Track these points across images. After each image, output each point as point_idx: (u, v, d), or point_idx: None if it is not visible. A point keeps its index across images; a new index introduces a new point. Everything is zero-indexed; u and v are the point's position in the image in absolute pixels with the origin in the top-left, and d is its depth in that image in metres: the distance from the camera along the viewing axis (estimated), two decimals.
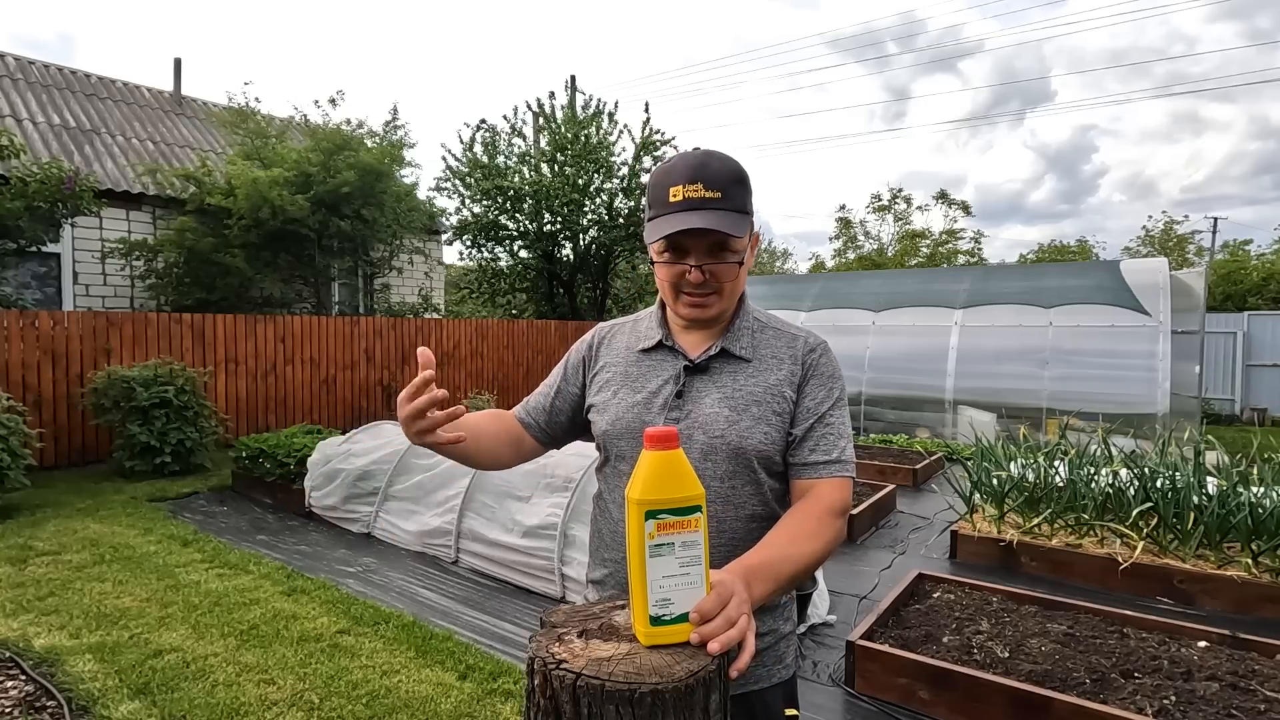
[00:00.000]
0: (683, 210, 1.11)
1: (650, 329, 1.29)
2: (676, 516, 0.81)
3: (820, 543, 1.07)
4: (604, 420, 1.26)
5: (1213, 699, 2.43)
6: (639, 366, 1.27)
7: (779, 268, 30.03)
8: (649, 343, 1.27)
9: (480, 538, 4.10)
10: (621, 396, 1.25)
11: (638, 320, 1.35)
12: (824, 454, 1.16)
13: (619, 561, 1.23)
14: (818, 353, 1.23)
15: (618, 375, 1.28)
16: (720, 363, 1.22)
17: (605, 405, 1.27)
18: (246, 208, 8.48)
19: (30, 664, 2.88)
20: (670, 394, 1.21)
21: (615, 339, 1.34)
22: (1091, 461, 4.54)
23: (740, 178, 1.14)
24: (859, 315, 9.52)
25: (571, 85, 13.98)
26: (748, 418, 1.16)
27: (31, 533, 4.64)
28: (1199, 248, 25.21)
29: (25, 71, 10.22)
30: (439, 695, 2.73)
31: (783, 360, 1.21)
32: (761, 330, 1.25)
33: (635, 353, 1.28)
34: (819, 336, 1.27)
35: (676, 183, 1.12)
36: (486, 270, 14.97)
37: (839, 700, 2.77)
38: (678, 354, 1.24)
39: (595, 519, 1.34)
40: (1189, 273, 8.44)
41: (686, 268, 1.14)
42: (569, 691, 0.75)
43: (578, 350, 1.38)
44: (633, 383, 1.25)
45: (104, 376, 6.27)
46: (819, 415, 1.18)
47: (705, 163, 1.13)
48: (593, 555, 1.35)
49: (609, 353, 1.33)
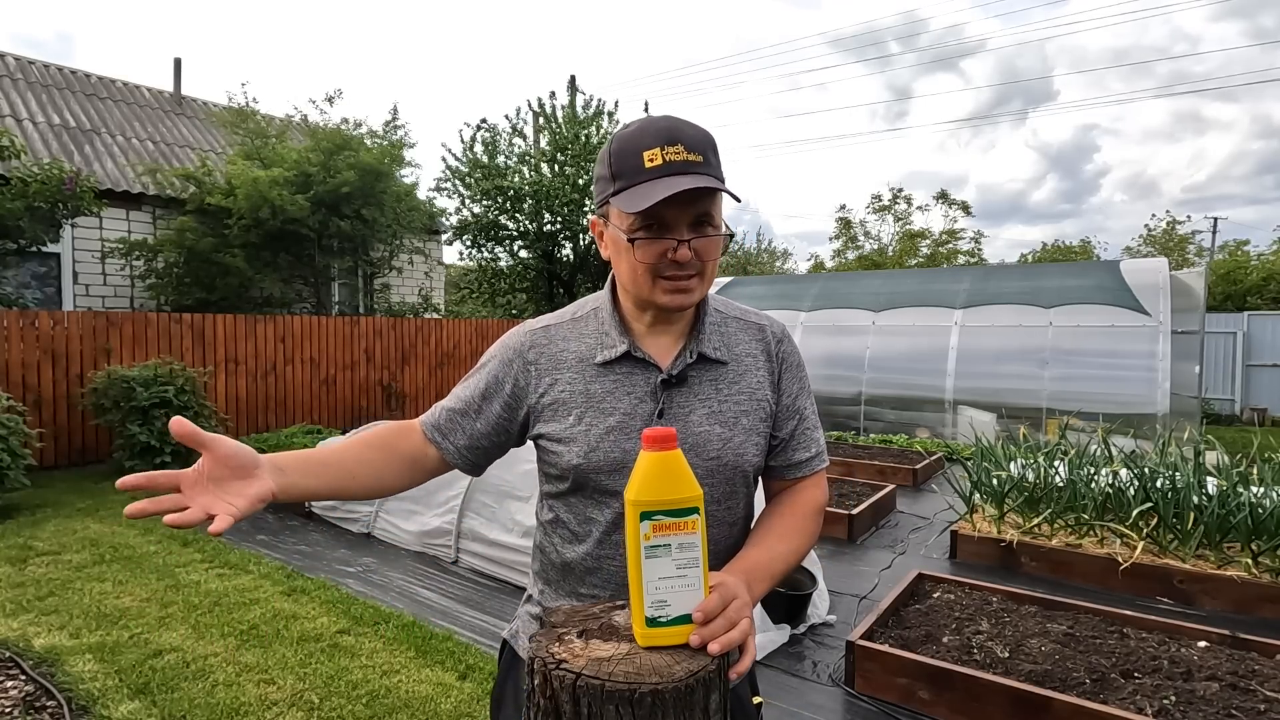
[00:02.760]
0: (665, 175, 0.96)
1: (607, 335, 1.09)
2: (673, 518, 0.81)
3: (807, 538, 1.09)
4: (572, 454, 1.06)
5: (1213, 699, 2.43)
6: (602, 383, 1.08)
7: (779, 268, 30.02)
8: (610, 353, 1.08)
9: (480, 538, 4.10)
10: (591, 423, 1.06)
11: (577, 321, 1.14)
12: (805, 451, 1.15)
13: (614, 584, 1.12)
14: (785, 342, 1.17)
15: (577, 395, 1.08)
16: (697, 370, 1.08)
17: (570, 436, 1.07)
18: (246, 208, 8.49)
19: (30, 664, 2.88)
20: (649, 414, 1.06)
21: (556, 346, 1.11)
22: (1091, 461, 4.53)
23: (715, 145, 1.02)
24: (859, 315, 9.51)
25: (572, 85, 13.99)
26: (740, 432, 1.08)
27: (31, 533, 4.64)
28: (1199, 248, 25.23)
29: (25, 71, 10.22)
30: (439, 695, 2.73)
31: (758, 357, 1.13)
32: (725, 323, 1.14)
33: (593, 366, 1.08)
34: (778, 322, 1.20)
35: (651, 145, 0.97)
36: (486, 270, 14.97)
37: (839, 700, 2.77)
38: (648, 365, 1.07)
39: (543, 548, 1.18)
40: (1189, 273, 8.43)
41: (671, 244, 0.98)
42: (569, 691, 0.75)
43: (504, 362, 1.12)
44: (598, 404, 1.07)
45: (104, 376, 6.27)
46: (799, 412, 1.15)
47: (678, 125, 0.99)
48: (546, 585, 1.19)
49: (554, 366, 1.10)
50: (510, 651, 1.22)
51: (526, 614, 1.23)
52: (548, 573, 1.18)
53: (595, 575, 1.11)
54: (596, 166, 1.06)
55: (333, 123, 10.06)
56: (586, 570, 1.11)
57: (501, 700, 1.21)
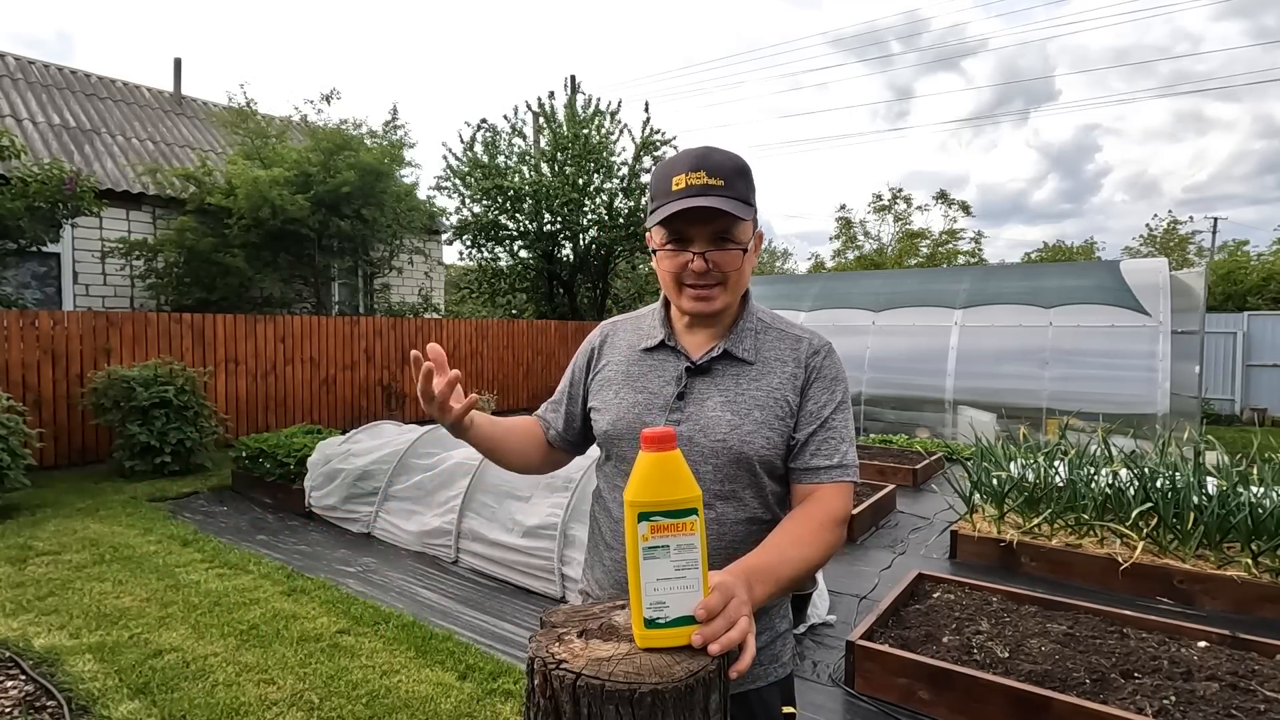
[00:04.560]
0: (685, 196, 1.11)
1: (653, 327, 1.28)
2: (671, 519, 0.81)
3: (820, 548, 1.07)
4: (604, 420, 1.25)
5: (1213, 699, 2.43)
6: (640, 366, 1.26)
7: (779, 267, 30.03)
8: (651, 342, 1.26)
9: (480, 538, 4.10)
10: (623, 396, 1.24)
11: (640, 317, 1.34)
12: (826, 459, 1.16)
13: (619, 561, 1.22)
14: (821, 355, 1.22)
15: (619, 374, 1.27)
16: (722, 365, 1.20)
17: (606, 405, 1.26)
18: (246, 207, 8.49)
19: (30, 664, 2.88)
20: (671, 395, 1.20)
21: (618, 336, 1.33)
22: (1091, 461, 4.53)
23: (743, 169, 1.15)
24: (859, 315, 9.52)
25: (572, 85, 13.97)
26: (750, 422, 1.15)
27: (31, 533, 4.64)
28: (1200, 248, 25.22)
29: (25, 71, 10.22)
30: (439, 695, 2.73)
31: (786, 363, 1.20)
32: (765, 331, 1.24)
33: (637, 351, 1.27)
34: (824, 338, 1.25)
35: (679, 172, 1.12)
36: (486, 270, 14.97)
37: (839, 700, 2.77)
38: (680, 354, 1.22)
39: (594, 515, 1.33)
40: (1189, 273, 8.43)
41: (689, 257, 1.14)
42: (569, 691, 0.75)
43: (583, 351, 1.37)
44: (633, 382, 1.24)
45: (104, 376, 6.27)
46: (822, 420, 1.17)
47: (708, 154, 1.13)
48: (590, 552, 1.34)
49: (611, 350, 1.32)
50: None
51: (576, 593, 1.30)
52: (599, 550, 1.29)
53: (618, 546, 1.22)
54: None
55: (332, 122, 10.06)
56: (620, 541, 1.20)
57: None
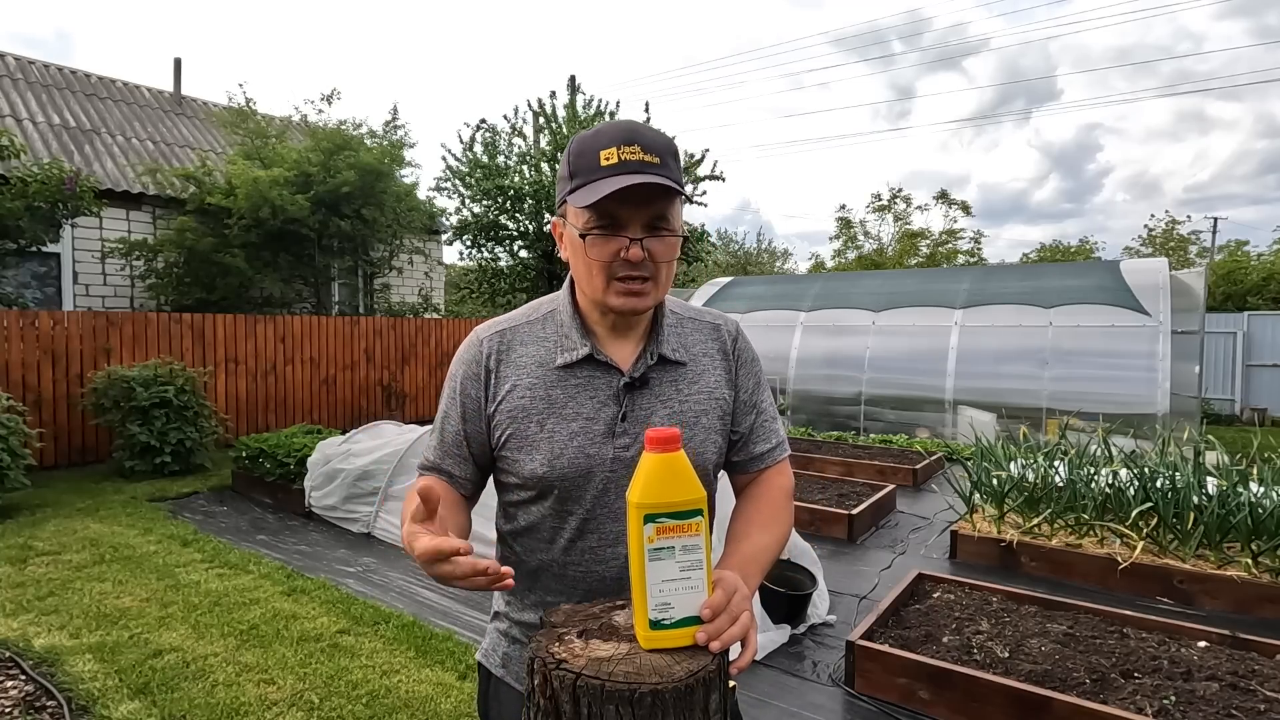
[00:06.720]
0: (620, 173, 0.96)
1: (567, 338, 1.08)
2: (676, 520, 0.81)
3: (785, 525, 1.13)
4: (534, 462, 1.04)
5: (1213, 699, 2.43)
6: (563, 387, 1.06)
7: (779, 267, 30.03)
8: (571, 355, 1.06)
9: (480, 538, 4.08)
10: (552, 428, 1.04)
11: (536, 323, 1.12)
12: (766, 443, 1.18)
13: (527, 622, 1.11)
14: (739, 339, 1.19)
15: (538, 401, 1.06)
16: (658, 372, 1.09)
17: (531, 442, 1.05)
18: (246, 207, 8.49)
19: (30, 664, 2.89)
20: (613, 417, 1.05)
21: (516, 350, 1.09)
22: (1091, 461, 4.53)
23: (675, 151, 1.02)
24: (859, 315, 9.51)
25: (572, 85, 13.96)
26: (700, 431, 1.09)
27: (31, 533, 4.64)
28: (1200, 248, 25.21)
29: (25, 71, 10.22)
30: (439, 695, 2.73)
31: (714, 357, 1.15)
32: (681, 324, 1.15)
33: (553, 370, 1.07)
34: (731, 318, 1.21)
35: (608, 145, 0.98)
36: (486, 270, 14.96)
37: (839, 700, 2.77)
38: (610, 368, 1.07)
39: (510, 560, 1.13)
40: (1189, 273, 8.43)
41: (623, 243, 0.98)
42: (569, 691, 0.75)
43: (469, 375, 1.10)
44: (560, 410, 1.05)
45: (104, 376, 6.27)
46: (755, 405, 1.18)
47: (636, 127, 1.00)
48: (520, 597, 1.14)
49: (513, 369, 1.08)
50: (485, 671, 1.19)
51: (496, 630, 1.19)
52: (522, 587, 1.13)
53: (561, 582, 1.09)
54: (559, 168, 1.06)
55: (332, 123, 10.07)
56: (554, 577, 1.10)
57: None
